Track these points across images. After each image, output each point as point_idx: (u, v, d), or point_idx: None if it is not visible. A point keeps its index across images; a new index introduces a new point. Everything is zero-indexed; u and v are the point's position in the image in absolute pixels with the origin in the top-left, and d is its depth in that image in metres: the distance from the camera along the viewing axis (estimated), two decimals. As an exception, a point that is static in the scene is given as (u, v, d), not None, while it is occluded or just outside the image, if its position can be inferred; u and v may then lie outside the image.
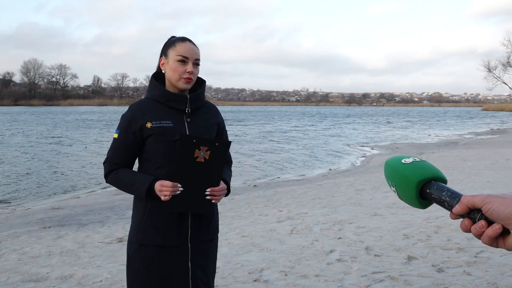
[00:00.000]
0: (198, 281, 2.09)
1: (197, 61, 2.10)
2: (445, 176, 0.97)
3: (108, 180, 2.13)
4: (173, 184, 1.95)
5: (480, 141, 22.76)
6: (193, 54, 2.09)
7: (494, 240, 0.82)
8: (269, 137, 27.42)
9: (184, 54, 2.06)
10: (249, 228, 5.79)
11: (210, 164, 2.00)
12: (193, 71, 2.07)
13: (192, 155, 1.97)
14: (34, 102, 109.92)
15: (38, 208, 8.77)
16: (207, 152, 1.99)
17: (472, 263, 4.06)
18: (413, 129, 36.77)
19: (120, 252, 4.93)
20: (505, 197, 0.80)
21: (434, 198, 0.92)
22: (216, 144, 2.00)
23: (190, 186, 1.99)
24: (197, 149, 1.97)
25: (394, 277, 3.80)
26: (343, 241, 4.96)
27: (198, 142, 1.97)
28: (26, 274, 4.22)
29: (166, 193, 1.94)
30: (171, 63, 2.08)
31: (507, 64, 65.50)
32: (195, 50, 2.10)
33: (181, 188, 1.97)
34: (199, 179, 2.00)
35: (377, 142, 23.90)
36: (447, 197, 0.89)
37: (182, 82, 2.07)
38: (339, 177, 11.52)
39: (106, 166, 2.12)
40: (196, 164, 1.99)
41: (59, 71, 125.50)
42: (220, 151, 2.01)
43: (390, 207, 6.73)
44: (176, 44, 2.09)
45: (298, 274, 3.95)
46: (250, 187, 10.56)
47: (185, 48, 2.07)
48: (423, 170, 0.95)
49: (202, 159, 1.99)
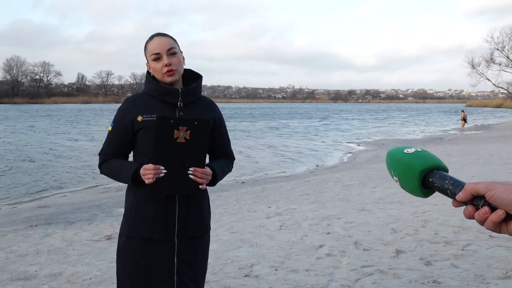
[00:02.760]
0: (184, 277, 2.09)
1: (170, 50, 2.09)
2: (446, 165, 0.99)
3: (101, 171, 2.18)
4: (155, 167, 1.95)
5: (465, 137, 23.05)
6: (163, 46, 2.09)
7: (498, 226, 0.84)
8: (253, 133, 27.45)
9: (154, 51, 2.09)
10: (238, 224, 5.80)
11: (192, 144, 2.00)
12: (170, 62, 2.07)
13: (172, 136, 1.97)
14: (17, 100, 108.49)
15: (24, 206, 8.68)
16: (186, 132, 1.98)
17: (459, 256, 4.13)
18: (399, 125, 37.10)
19: (109, 250, 4.90)
20: (508, 183, 0.83)
21: (436, 187, 0.94)
22: (196, 123, 1.99)
23: (174, 168, 1.99)
24: (175, 130, 1.97)
25: (383, 270, 3.84)
26: (332, 236, 5.00)
27: (176, 122, 1.97)
28: (14, 273, 4.18)
29: (149, 176, 1.95)
30: (150, 64, 2.12)
31: (490, 60, 66.35)
32: (164, 41, 2.10)
33: (164, 170, 1.97)
34: (182, 160, 1.99)
35: (363, 139, 24.07)
36: (450, 185, 0.91)
37: (165, 76, 2.09)
38: (326, 173, 11.58)
39: (100, 157, 2.18)
40: (177, 145, 1.98)
41: (42, 68, 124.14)
42: (200, 131, 2.01)
43: (378, 202, 6.79)
44: (147, 45, 2.13)
45: (288, 269, 3.98)
46: (238, 183, 10.57)
47: (154, 45, 2.10)
48: (426, 159, 0.97)
49: (182, 140, 1.98)
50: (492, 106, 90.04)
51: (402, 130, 31.31)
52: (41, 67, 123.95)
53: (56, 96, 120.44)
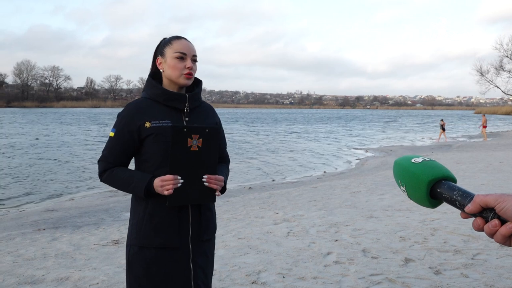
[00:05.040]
0: (199, 281, 2.07)
1: (194, 57, 2.11)
2: (455, 176, 0.97)
3: (102, 179, 2.09)
4: (174, 177, 1.93)
5: (474, 144, 22.89)
6: (191, 50, 2.09)
7: (508, 239, 0.83)
8: (260, 139, 27.43)
9: (182, 51, 2.07)
10: (246, 230, 5.78)
11: (204, 151, 2.00)
12: (192, 67, 2.08)
13: (186, 145, 1.97)
14: (26, 103, 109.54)
15: (32, 210, 8.71)
16: (199, 140, 1.99)
17: (469, 265, 4.08)
18: (407, 131, 36.92)
19: (116, 254, 4.90)
20: None
21: (445, 197, 0.93)
22: (207, 131, 2.00)
23: (189, 177, 1.98)
24: (189, 138, 1.97)
25: (392, 279, 3.80)
26: (340, 243, 4.96)
27: (189, 130, 1.97)
28: (22, 276, 4.19)
29: (169, 187, 1.92)
30: (169, 61, 2.07)
31: (500, 67, 65.90)
32: (191, 46, 2.11)
33: (181, 180, 1.96)
34: (196, 168, 2.00)
35: (370, 145, 23.97)
36: (459, 196, 0.90)
37: (183, 78, 2.06)
38: (334, 180, 11.53)
39: (101, 164, 2.09)
40: (191, 154, 1.98)
41: (52, 72, 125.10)
42: (212, 138, 2.02)
43: (386, 210, 6.74)
44: (172, 42, 2.09)
45: (296, 276, 3.94)
46: (245, 189, 10.55)
47: (182, 45, 2.08)
48: (434, 169, 0.96)
49: (196, 148, 1.98)
50: (501, 114, 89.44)
51: (413, 136, 31.16)
52: (51, 71, 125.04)
53: (65, 100, 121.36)
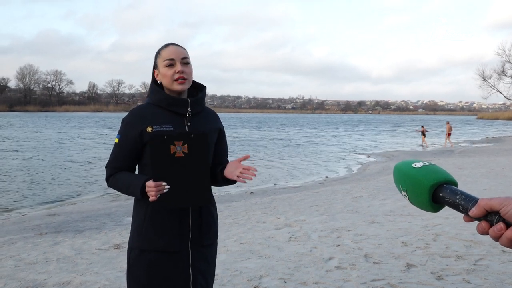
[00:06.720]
0: (199, 286, 2.09)
1: (184, 59, 2.11)
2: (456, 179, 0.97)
3: (109, 184, 2.14)
4: (156, 184, 1.93)
5: (476, 150, 22.86)
6: (178, 54, 2.10)
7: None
8: (260, 143, 27.44)
9: (169, 57, 2.09)
10: (247, 235, 5.77)
11: (192, 157, 2.00)
12: (183, 70, 2.08)
13: (169, 152, 1.97)
14: (29, 108, 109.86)
15: (34, 214, 8.72)
16: (184, 146, 1.99)
17: (471, 270, 4.06)
18: (408, 136, 36.88)
19: (118, 259, 4.90)
20: None
21: (447, 202, 0.93)
22: (192, 136, 2.00)
23: (179, 182, 1.99)
24: (171, 145, 1.97)
25: (394, 284, 3.79)
26: (341, 248, 4.95)
27: (170, 138, 1.97)
28: (23, 281, 4.19)
29: (152, 194, 1.94)
30: (161, 70, 2.11)
31: (502, 73, 65.92)
32: (180, 50, 2.12)
33: (167, 186, 1.96)
34: (184, 173, 2.00)
35: (373, 150, 23.96)
36: (462, 200, 0.90)
37: (176, 83, 2.08)
38: (335, 185, 11.52)
39: (108, 170, 2.15)
40: (176, 160, 1.98)
41: (54, 77, 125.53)
42: (199, 143, 2.01)
43: (388, 215, 6.73)
44: (161, 52, 2.13)
45: (298, 282, 3.94)
46: (247, 194, 10.54)
47: (169, 51, 2.10)
48: (435, 173, 0.96)
49: (181, 154, 1.99)
50: (503, 119, 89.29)
51: (415, 140, 31.13)
52: (53, 75, 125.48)
53: (68, 105, 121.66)
